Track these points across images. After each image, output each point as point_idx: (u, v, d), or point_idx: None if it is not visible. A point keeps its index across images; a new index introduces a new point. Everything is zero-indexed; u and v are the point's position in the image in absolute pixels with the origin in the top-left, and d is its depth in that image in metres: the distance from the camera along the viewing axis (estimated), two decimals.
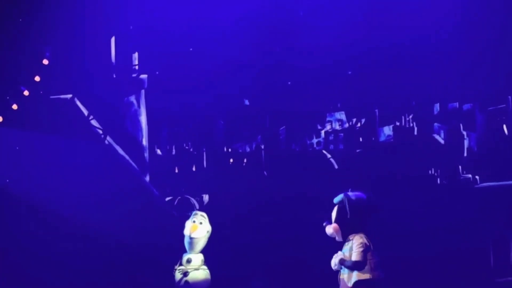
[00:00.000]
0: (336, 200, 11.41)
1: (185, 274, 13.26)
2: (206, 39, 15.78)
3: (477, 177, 15.28)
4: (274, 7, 15.48)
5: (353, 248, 10.49)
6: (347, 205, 11.05)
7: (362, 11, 15.37)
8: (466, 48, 14.85)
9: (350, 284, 10.41)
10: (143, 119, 16.57)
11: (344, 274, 10.60)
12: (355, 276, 10.55)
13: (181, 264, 13.43)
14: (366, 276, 10.60)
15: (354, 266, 10.22)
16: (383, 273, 10.90)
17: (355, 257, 10.29)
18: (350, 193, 11.36)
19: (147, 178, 16.33)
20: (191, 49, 15.87)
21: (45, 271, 14.76)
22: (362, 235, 10.55)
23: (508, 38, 14.74)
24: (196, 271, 13.30)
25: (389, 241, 13.04)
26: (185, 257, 13.34)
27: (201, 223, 13.41)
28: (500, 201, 14.88)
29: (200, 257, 13.33)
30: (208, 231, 13.34)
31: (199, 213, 13.67)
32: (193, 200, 15.71)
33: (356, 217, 10.88)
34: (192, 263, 13.27)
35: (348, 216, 10.85)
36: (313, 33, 15.39)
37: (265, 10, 15.41)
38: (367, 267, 10.45)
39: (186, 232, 13.48)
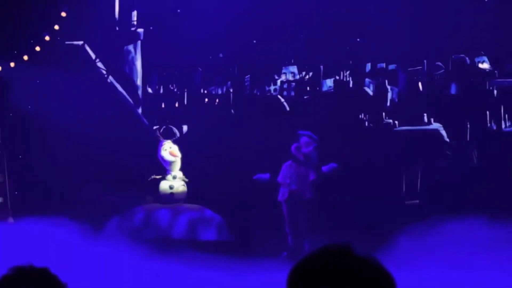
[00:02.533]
0: None
1: (171, 187, 14.98)
2: (191, 4, 16.12)
3: (396, 122, 16.13)
4: None
5: None
6: None
7: None
8: (393, 20, 15.39)
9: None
10: (138, 64, 16.93)
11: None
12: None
13: (163, 178, 15.04)
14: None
15: None
16: None
17: None
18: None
19: (140, 111, 16.85)
20: (178, 11, 16.25)
21: (52, 176, 15.53)
22: None
23: (424, 12, 15.36)
24: (178, 184, 15.12)
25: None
26: (172, 174, 15.02)
27: (170, 147, 15.15)
28: (413, 141, 15.82)
29: (181, 174, 15.17)
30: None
31: (166, 142, 15.23)
32: (175, 129, 16.03)
33: None
34: (177, 179, 15.01)
35: None
36: (276, 3, 15.87)
37: None
38: None
39: (169, 158, 15.06)
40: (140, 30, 16.81)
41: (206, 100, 17.05)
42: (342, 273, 2.07)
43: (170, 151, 15.23)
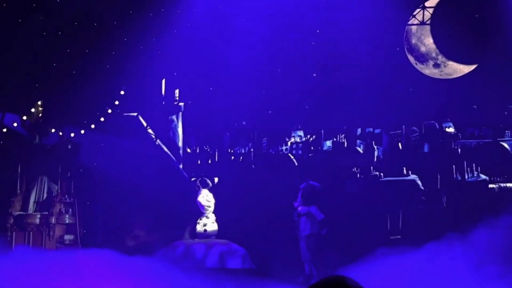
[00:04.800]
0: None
1: (205, 225, 15.82)
2: (219, 84, 16.72)
3: (382, 174, 16.67)
4: (260, 70, 16.18)
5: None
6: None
7: (316, 67, 16.56)
8: (378, 94, 16.12)
9: None
10: (179, 130, 17.31)
11: None
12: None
13: (200, 218, 15.77)
14: None
15: None
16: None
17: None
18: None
19: (181, 166, 17.26)
20: (211, 89, 16.90)
21: (112, 218, 16.17)
22: None
23: (403, 88, 16.07)
24: (211, 224, 15.91)
25: (324, 210, 15.53)
26: (206, 215, 15.69)
27: (206, 195, 15.84)
28: (395, 189, 16.40)
29: (213, 215, 15.91)
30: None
31: (203, 191, 15.66)
32: (208, 180, 16.22)
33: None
34: (209, 219, 15.82)
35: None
36: (283, 84, 16.50)
37: (253, 73, 16.04)
38: None
39: (205, 202, 15.62)
40: (181, 104, 17.37)
41: (233, 157, 17.52)
42: None
43: (205, 198, 16.15)
